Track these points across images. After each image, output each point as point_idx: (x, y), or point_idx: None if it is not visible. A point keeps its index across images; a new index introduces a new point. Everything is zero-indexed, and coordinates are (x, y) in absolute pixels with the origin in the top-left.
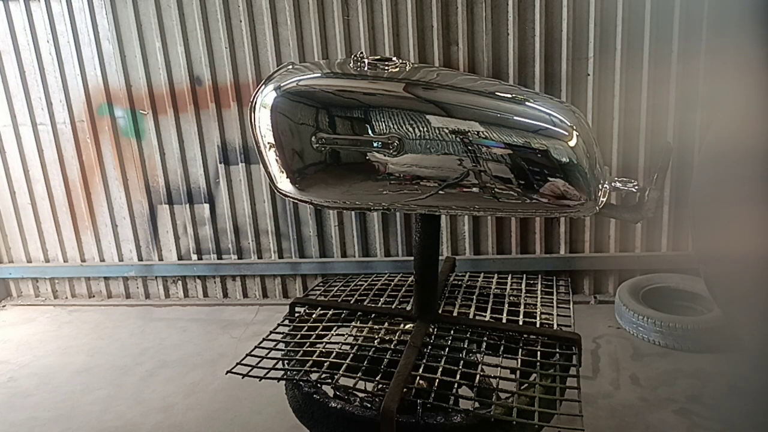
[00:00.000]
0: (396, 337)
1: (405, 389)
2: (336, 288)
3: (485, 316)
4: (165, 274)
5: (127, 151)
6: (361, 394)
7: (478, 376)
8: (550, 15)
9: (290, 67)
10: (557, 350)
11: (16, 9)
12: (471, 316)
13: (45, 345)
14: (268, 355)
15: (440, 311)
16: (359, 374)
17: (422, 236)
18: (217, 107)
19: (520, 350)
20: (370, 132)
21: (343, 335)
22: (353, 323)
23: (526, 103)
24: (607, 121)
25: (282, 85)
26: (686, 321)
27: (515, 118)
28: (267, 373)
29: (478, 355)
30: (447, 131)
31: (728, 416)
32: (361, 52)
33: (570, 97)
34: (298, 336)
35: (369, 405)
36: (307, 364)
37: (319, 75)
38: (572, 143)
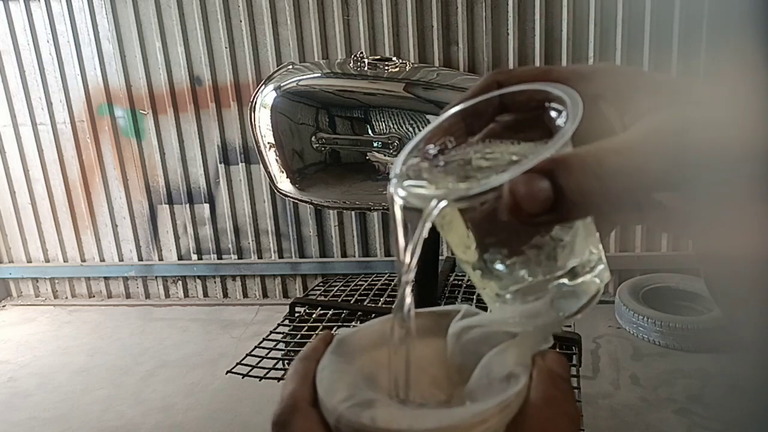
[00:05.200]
0: None
1: None
2: (336, 288)
3: None
4: (165, 274)
5: (127, 151)
6: None
7: None
8: (550, 15)
9: (290, 67)
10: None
11: (16, 9)
12: None
13: (45, 345)
14: (268, 355)
15: None
16: None
17: None
18: (217, 107)
19: None
20: (370, 132)
21: None
22: (353, 323)
23: None
24: None
25: (282, 85)
26: (686, 321)
27: None
28: (267, 373)
29: None
30: None
31: (728, 416)
32: (361, 52)
33: None
34: (298, 336)
35: None
36: None
37: (319, 75)
38: None
